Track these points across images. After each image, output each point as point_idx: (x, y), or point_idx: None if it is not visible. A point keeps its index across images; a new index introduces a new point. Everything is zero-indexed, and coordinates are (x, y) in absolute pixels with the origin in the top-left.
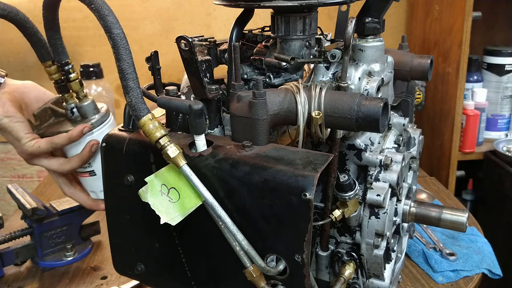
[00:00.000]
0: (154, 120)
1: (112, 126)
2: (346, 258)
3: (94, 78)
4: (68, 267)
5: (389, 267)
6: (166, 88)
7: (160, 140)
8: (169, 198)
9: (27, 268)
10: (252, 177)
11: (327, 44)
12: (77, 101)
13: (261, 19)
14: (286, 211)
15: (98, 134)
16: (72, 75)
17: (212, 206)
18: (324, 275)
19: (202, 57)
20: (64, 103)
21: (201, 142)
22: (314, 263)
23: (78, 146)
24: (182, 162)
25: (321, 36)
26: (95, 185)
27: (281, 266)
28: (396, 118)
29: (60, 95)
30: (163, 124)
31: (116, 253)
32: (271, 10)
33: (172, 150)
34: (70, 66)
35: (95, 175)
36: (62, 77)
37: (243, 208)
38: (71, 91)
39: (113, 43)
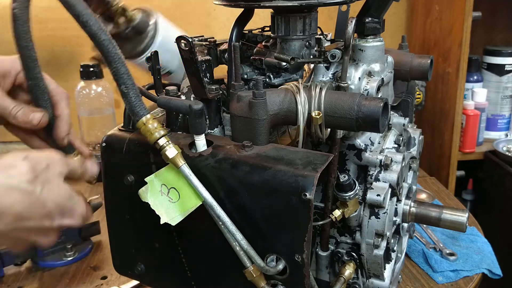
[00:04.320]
0: (153, 120)
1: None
2: (346, 258)
3: (94, 78)
4: (68, 267)
5: (389, 267)
6: (166, 88)
7: (158, 141)
8: (169, 198)
9: (27, 268)
10: (252, 177)
11: (327, 44)
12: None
13: (261, 19)
14: (286, 211)
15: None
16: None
17: (211, 206)
18: (324, 275)
19: (202, 57)
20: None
21: (201, 142)
22: (314, 263)
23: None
24: (181, 162)
25: (321, 36)
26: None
27: (280, 266)
28: (396, 118)
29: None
30: (163, 124)
31: (116, 253)
32: (271, 10)
33: (171, 151)
34: None
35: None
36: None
37: (243, 208)
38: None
39: (101, 49)
